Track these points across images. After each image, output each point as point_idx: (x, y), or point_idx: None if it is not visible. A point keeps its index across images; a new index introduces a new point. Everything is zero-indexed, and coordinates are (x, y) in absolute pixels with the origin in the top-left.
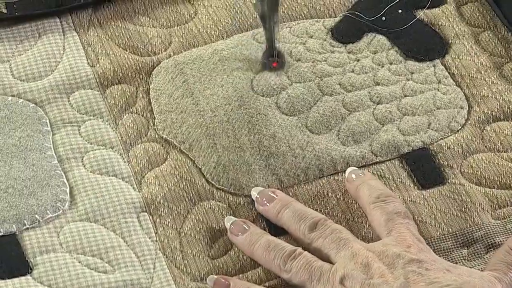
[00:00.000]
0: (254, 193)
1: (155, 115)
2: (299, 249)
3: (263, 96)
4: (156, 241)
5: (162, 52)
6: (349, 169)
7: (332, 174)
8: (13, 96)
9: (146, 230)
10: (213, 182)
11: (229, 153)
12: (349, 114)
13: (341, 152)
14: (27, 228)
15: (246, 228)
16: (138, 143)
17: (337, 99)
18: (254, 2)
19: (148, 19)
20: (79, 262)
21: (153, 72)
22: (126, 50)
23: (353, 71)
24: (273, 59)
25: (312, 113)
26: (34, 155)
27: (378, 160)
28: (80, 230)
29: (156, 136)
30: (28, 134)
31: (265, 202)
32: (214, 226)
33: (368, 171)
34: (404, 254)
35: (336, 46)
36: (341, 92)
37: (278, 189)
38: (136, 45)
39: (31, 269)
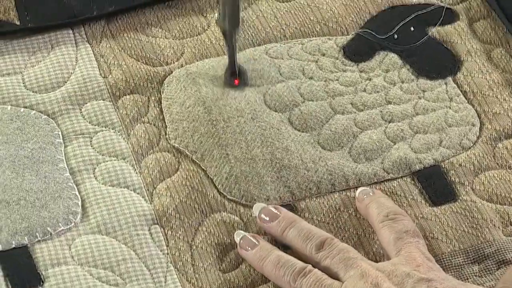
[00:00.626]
0: (255, 210)
1: (166, 124)
2: (309, 266)
3: (275, 111)
4: (168, 254)
5: (174, 62)
6: (360, 189)
7: (344, 190)
8: (25, 107)
9: (157, 243)
10: (224, 193)
11: (241, 164)
12: (361, 132)
13: (353, 168)
14: (39, 241)
15: (256, 243)
16: (150, 153)
17: (349, 117)
18: (217, 17)
19: (161, 30)
20: (90, 275)
21: (165, 81)
22: (139, 61)
23: (365, 91)
24: (234, 76)
25: (324, 130)
26: (46, 167)
27: (390, 177)
28: (91, 242)
29: (168, 145)
30: (40, 146)
31: (268, 219)
32: (225, 239)
33: (380, 188)
34: (413, 273)
35: (348, 65)
36: (353, 111)
37: (290, 201)
38: (148, 56)
39: (42, 281)
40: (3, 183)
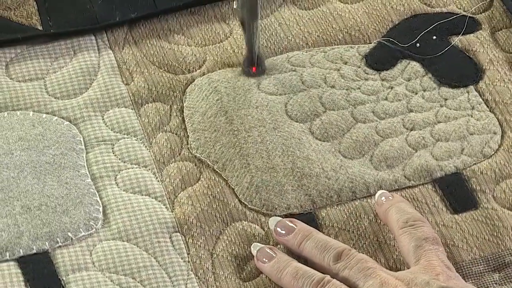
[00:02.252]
0: (271, 224)
1: (188, 133)
2: (328, 277)
3: (296, 121)
4: (188, 261)
5: (196, 70)
6: (379, 192)
7: (365, 197)
8: (47, 113)
9: (178, 251)
10: (245, 202)
11: (262, 173)
12: (382, 140)
13: (374, 175)
14: (60, 246)
15: (273, 255)
16: (171, 162)
17: (371, 126)
18: (235, 7)
19: (183, 37)
20: (111, 281)
21: (187, 90)
22: (161, 68)
23: (386, 99)
24: (252, 64)
25: (345, 139)
26: (67, 173)
27: (411, 184)
28: (112, 249)
29: (190, 155)
30: (62, 152)
31: (284, 232)
32: (246, 248)
33: (401, 195)
34: (433, 281)
35: (370, 73)
36: (374, 119)
37: (310, 210)
38: (170, 63)
39: (63, 287)
40: (24, 188)
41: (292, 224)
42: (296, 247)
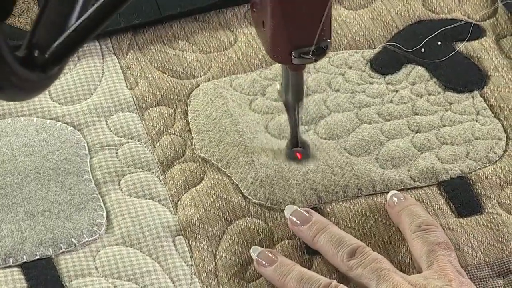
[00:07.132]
0: (286, 212)
1: (192, 134)
2: (334, 282)
3: (302, 124)
4: (192, 265)
5: (201, 76)
6: (390, 193)
7: (371, 195)
8: (51, 119)
9: (181, 254)
10: (249, 197)
11: (267, 169)
12: (388, 140)
13: (380, 174)
14: (63, 252)
15: (275, 258)
16: (175, 164)
17: (376, 127)
18: (278, 89)
19: (188, 44)
20: (114, 286)
21: (191, 94)
22: (165, 73)
23: (391, 102)
24: (296, 149)
25: (351, 138)
26: (71, 179)
27: (416, 185)
28: (116, 254)
29: (193, 155)
30: (66, 158)
31: (300, 223)
32: (249, 246)
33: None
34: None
35: (375, 77)
36: (379, 121)
37: (316, 204)
38: (175, 69)
39: None
40: (28, 194)
41: (308, 215)
42: (310, 239)
